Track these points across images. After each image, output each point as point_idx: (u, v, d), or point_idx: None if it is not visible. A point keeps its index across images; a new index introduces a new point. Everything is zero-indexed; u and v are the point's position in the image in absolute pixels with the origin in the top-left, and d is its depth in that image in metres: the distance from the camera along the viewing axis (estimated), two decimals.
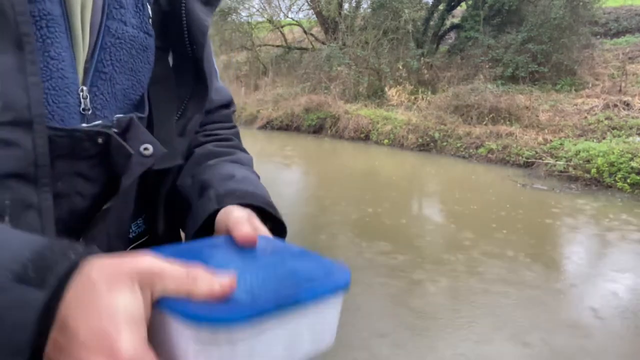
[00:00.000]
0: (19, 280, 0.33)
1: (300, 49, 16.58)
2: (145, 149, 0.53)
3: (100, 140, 0.50)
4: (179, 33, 0.61)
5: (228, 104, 0.80)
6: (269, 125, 12.36)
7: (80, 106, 0.51)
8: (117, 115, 0.54)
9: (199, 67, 0.63)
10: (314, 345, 0.43)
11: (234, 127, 0.80)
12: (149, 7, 0.59)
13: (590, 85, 10.55)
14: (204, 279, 0.37)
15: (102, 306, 0.33)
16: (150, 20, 0.58)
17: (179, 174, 0.68)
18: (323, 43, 15.43)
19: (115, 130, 0.52)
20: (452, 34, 14.11)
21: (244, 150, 0.77)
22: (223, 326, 0.36)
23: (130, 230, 0.63)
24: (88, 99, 0.51)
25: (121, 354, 0.33)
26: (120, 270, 0.35)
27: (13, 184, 0.44)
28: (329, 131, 11.23)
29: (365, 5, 14.82)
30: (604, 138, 8.19)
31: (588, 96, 9.97)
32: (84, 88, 0.51)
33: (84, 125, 0.51)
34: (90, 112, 0.51)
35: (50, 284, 0.33)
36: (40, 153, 0.45)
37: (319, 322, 0.43)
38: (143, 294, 0.36)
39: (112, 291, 0.34)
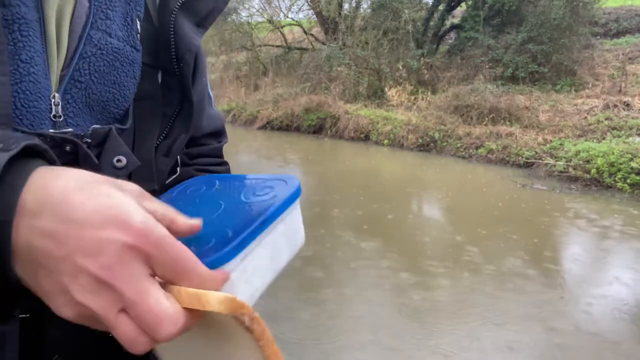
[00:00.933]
0: None
1: (300, 49, 16.57)
2: (119, 160, 0.53)
3: (67, 148, 0.50)
4: (166, 50, 0.61)
5: (218, 134, 0.80)
6: (269, 126, 12.36)
7: (51, 113, 0.50)
8: (94, 126, 0.53)
9: (185, 85, 0.62)
10: (291, 248, 0.52)
11: (225, 163, 0.81)
12: (138, 22, 0.58)
13: (590, 86, 10.55)
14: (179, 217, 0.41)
15: (95, 186, 0.34)
16: (138, 35, 0.58)
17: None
18: (323, 43, 15.42)
19: (88, 140, 0.52)
20: (452, 34, 14.11)
21: None
22: (218, 266, 0.41)
23: None
24: (60, 106, 0.51)
25: (134, 223, 0.34)
26: (100, 179, 0.36)
27: None
28: (329, 131, 11.22)
29: (365, 6, 14.83)
30: (604, 138, 8.18)
31: (588, 96, 9.97)
32: (57, 95, 0.50)
33: (50, 130, 0.50)
34: (61, 119, 0.51)
35: (17, 148, 0.34)
36: None
37: (290, 229, 0.51)
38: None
39: (100, 183, 0.35)
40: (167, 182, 0.69)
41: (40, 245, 0.33)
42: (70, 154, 0.50)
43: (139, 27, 0.59)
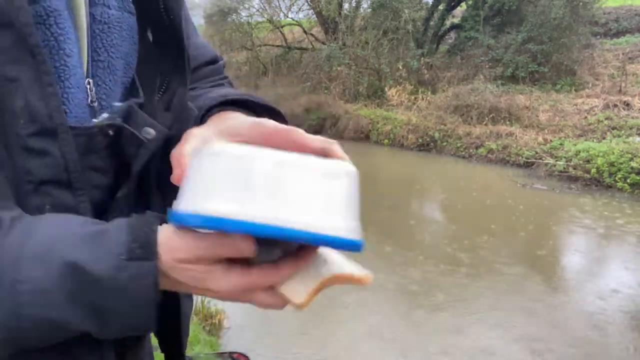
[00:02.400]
0: (131, 258, 0.40)
1: (300, 49, 16.57)
2: (147, 133, 0.53)
3: (111, 132, 0.50)
4: (155, 6, 0.58)
5: (213, 61, 0.77)
6: None
7: (88, 99, 0.50)
8: (116, 104, 0.53)
9: (179, 37, 0.60)
10: None
11: (225, 77, 0.78)
12: None
13: (590, 85, 10.55)
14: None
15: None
16: None
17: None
18: (323, 43, 15.42)
19: (120, 120, 0.51)
20: (452, 34, 14.11)
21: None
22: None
23: None
24: (94, 91, 0.50)
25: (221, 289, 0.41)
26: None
27: (50, 190, 0.46)
28: (329, 131, 11.23)
29: (365, 5, 14.83)
30: (604, 138, 8.18)
31: (588, 96, 9.97)
32: (90, 80, 0.50)
33: (94, 120, 0.50)
34: (96, 104, 0.51)
35: (153, 253, 0.40)
36: (69, 160, 0.46)
37: None
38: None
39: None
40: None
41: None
42: (112, 137, 0.50)
43: None
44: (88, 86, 0.50)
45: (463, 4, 13.74)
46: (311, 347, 3.08)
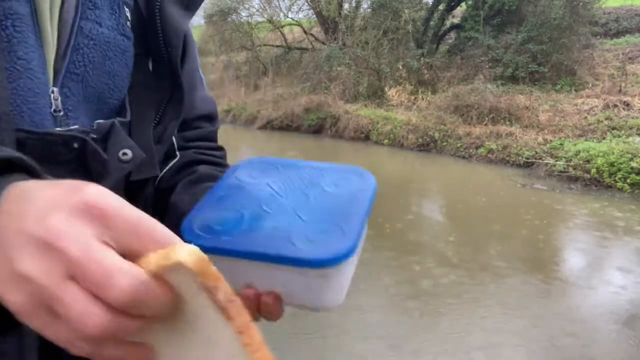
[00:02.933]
0: None
1: (300, 49, 16.57)
2: (124, 154, 0.53)
3: (75, 145, 0.50)
4: (155, 37, 0.60)
5: (212, 117, 0.78)
6: (269, 126, 12.36)
7: (51, 108, 0.49)
8: (98, 121, 0.53)
9: (175, 71, 0.62)
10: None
11: (222, 148, 0.79)
12: (126, 9, 0.58)
13: (590, 86, 10.55)
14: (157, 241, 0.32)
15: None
16: (128, 23, 0.58)
17: (166, 186, 0.68)
18: (323, 43, 15.43)
19: (94, 136, 0.52)
20: (452, 34, 14.11)
21: None
22: (334, 265, 0.42)
23: None
24: (59, 101, 0.50)
25: (88, 189, 0.32)
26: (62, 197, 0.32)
27: None
28: (329, 131, 11.23)
29: (365, 5, 14.83)
30: (604, 138, 8.18)
31: (588, 96, 9.97)
32: (55, 89, 0.50)
33: (57, 129, 0.50)
34: (61, 113, 0.50)
35: None
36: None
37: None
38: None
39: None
40: (168, 167, 0.69)
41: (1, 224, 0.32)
42: (78, 150, 0.50)
43: (128, 14, 0.58)
44: (52, 94, 0.49)
45: (463, 4, 13.74)
46: (311, 350, 3.08)
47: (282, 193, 0.51)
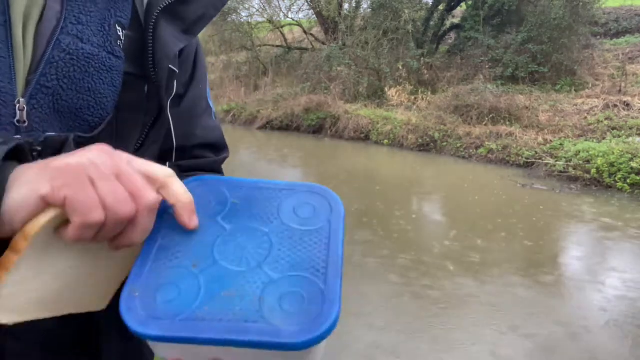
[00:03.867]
0: None
1: (300, 49, 16.57)
2: None
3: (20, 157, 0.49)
4: (147, 58, 0.59)
5: (216, 147, 0.74)
6: (269, 126, 12.35)
7: (14, 117, 0.49)
8: (49, 134, 0.51)
9: (160, 93, 0.61)
10: None
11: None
12: (119, 29, 0.57)
13: (590, 86, 10.55)
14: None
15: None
16: (119, 42, 0.57)
17: None
18: (323, 43, 15.43)
19: (38, 148, 0.50)
20: (452, 34, 14.11)
21: None
22: (321, 341, 0.37)
23: None
24: (25, 112, 0.49)
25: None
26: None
27: None
28: (329, 131, 11.22)
29: (365, 6, 14.82)
30: (604, 138, 8.18)
31: (588, 96, 9.97)
32: (22, 100, 0.49)
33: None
34: (25, 124, 0.50)
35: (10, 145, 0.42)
36: None
37: None
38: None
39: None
40: None
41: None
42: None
43: (120, 34, 0.57)
44: (17, 104, 0.49)
45: (463, 4, 13.73)
46: None
47: (240, 233, 0.43)
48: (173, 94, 0.65)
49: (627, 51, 11.70)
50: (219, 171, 0.74)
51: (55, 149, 0.51)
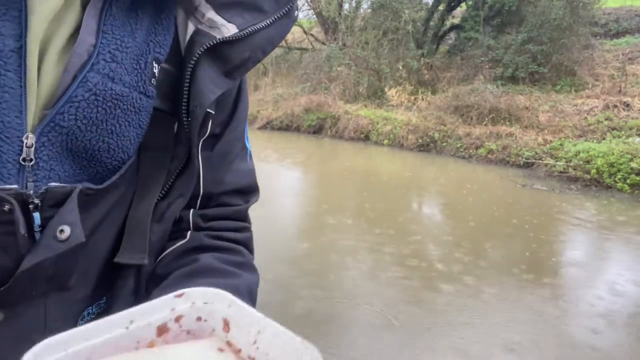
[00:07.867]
0: None
1: (300, 49, 16.58)
2: (61, 231, 0.45)
3: (6, 208, 0.43)
4: (182, 101, 0.54)
5: (246, 191, 0.67)
6: (269, 126, 12.36)
7: (20, 155, 0.44)
8: (52, 184, 0.46)
9: (192, 141, 0.55)
10: None
11: (246, 229, 0.67)
12: (155, 65, 0.52)
13: (590, 86, 10.56)
14: None
15: None
16: (153, 80, 0.52)
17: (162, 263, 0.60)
18: (323, 43, 15.44)
19: (36, 201, 0.45)
20: (452, 35, 14.12)
21: (250, 268, 0.63)
22: None
23: (89, 312, 0.55)
24: (33, 149, 0.44)
25: None
26: None
27: None
28: (328, 131, 11.23)
29: (365, 6, 14.84)
30: (603, 139, 8.19)
31: (588, 97, 9.98)
32: (31, 135, 0.44)
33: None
34: (32, 162, 0.45)
35: None
36: None
37: None
38: None
39: None
40: (172, 249, 0.59)
41: None
42: (10, 214, 0.43)
43: (156, 71, 0.52)
44: (26, 141, 0.44)
45: (463, 4, 13.75)
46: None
47: None
48: (206, 135, 0.59)
49: (627, 51, 11.70)
50: (244, 219, 0.67)
51: (57, 201, 0.46)
